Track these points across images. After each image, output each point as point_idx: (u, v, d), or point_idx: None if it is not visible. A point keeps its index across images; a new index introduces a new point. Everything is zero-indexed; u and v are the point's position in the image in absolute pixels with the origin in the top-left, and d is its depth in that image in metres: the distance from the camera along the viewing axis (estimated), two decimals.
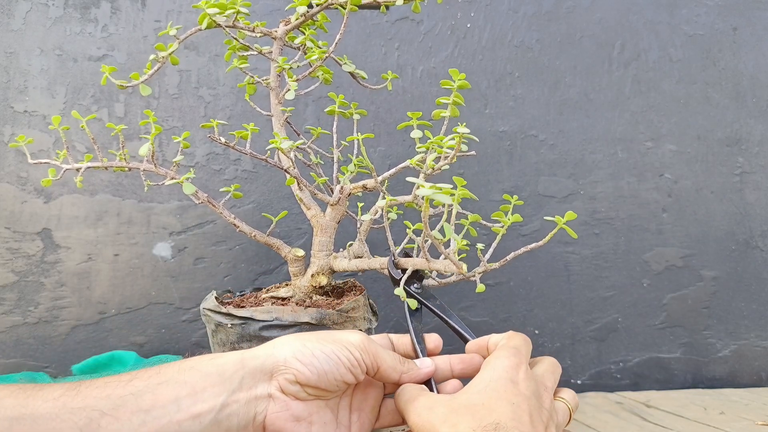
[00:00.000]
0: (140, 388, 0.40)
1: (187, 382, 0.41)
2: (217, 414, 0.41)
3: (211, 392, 0.41)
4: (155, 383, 0.40)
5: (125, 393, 0.39)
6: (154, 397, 0.39)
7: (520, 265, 1.15)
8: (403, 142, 1.15)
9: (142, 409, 0.39)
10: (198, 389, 0.41)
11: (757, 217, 1.24)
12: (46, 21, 1.07)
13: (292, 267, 0.74)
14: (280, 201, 1.10)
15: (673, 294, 1.19)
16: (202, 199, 0.69)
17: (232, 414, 0.42)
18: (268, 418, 0.44)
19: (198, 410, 0.40)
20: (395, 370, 0.49)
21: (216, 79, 1.11)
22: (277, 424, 0.44)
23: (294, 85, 0.66)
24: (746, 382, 1.19)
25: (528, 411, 0.42)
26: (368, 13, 1.16)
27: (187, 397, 0.40)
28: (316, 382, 0.44)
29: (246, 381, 0.43)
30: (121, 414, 0.38)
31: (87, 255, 1.05)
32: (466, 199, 0.50)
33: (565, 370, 1.15)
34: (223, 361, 0.43)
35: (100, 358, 0.99)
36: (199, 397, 0.40)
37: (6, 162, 1.04)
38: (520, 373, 0.45)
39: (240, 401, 0.42)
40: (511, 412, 0.41)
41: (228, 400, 0.41)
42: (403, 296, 0.57)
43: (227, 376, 0.42)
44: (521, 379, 0.44)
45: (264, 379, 0.43)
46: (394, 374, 0.49)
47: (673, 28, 1.25)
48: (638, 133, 1.22)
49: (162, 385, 0.40)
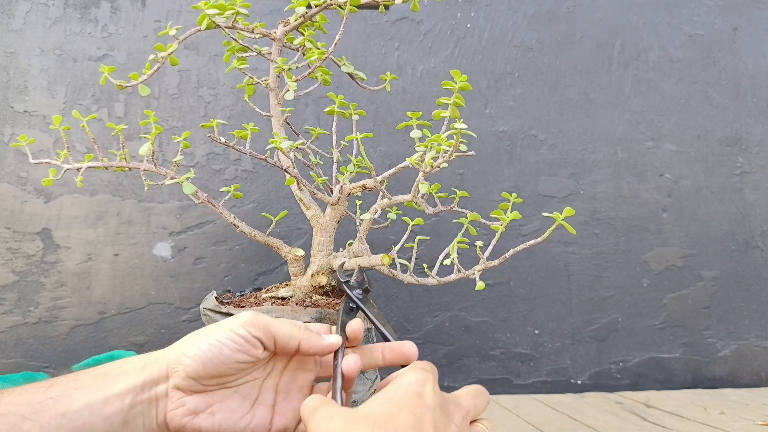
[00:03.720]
0: (59, 393, 0.44)
1: (99, 388, 0.44)
2: (125, 415, 0.44)
3: (119, 397, 0.44)
4: (72, 388, 0.44)
5: (45, 398, 0.43)
6: (69, 401, 0.43)
7: (520, 265, 1.15)
8: (404, 142, 1.15)
9: (59, 413, 0.42)
10: (108, 394, 0.44)
11: (757, 217, 1.23)
12: (46, 21, 1.07)
13: (291, 267, 0.74)
14: (280, 201, 1.10)
15: (673, 294, 1.19)
16: (202, 199, 0.69)
17: (137, 414, 0.45)
18: (167, 416, 0.46)
19: (108, 412, 0.44)
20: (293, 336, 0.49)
21: (216, 79, 1.11)
22: (175, 421, 0.46)
23: (293, 86, 0.67)
24: (746, 382, 1.19)
25: (432, 423, 0.41)
26: (368, 14, 1.16)
27: (97, 402, 0.44)
28: (204, 371, 0.46)
29: (147, 383, 0.45)
30: (41, 418, 0.42)
31: (87, 255, 1.05)
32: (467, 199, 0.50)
33: (565, 370, 1.15)
34: (130, 366, 0.47)
35: (100, 358, 0.99)
36: (108, 401, 0.44)
37: (6, 162, 1.04)
38: (427, 387, 0.45)
39: (144, 402, 0.45)
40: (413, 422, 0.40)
41: (133, 401, 0.45)
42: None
43: (132, 381, 0.45)
44: (427, 393, 0.44)
45: (162, 380, 0.46)
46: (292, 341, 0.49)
47: (673, 28, 1.25)
48: (638, 133, 1.22)
49: (78, 390, 0.44)
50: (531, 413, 0.96)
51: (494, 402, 1.03)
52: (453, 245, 0.62)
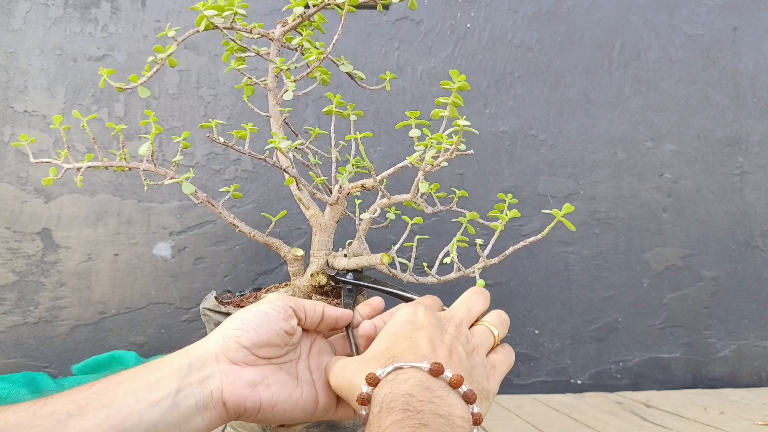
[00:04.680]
0: (101, 389, 0.44)
1: (142, 377, 0.45)
2: (174, 398, 0.45)
3: (164, 382, 0.45)
4: (114, 383, 0.45)
5: (88, 394, 0.43)
6: (113, 394, 0.44)
7: (520, 264, 1.15)
8: (403, 142, 1.15)
9: (104, 405, 0.43)
10: (152, 381, 0.45)
11: (757, 217, 1.23)
12: (46, 21, 1.07)
13: (291, 267, 0.74)
14: (280, 201, 1.11)
15: (673, 294, 1.19)
16: (201, 199, 0.69)
17: (189, 395, 0.45)
18: (225, 391, 0.47)
19: (155, 398, 0.44)
20: (316, 306, 0.53)
21: (216, 79, 1.11)
22: (235, 394, 0.47)
23: (292, 86, 0.66)
24: (746, 382, 1.19)
25: (427, 338, 0.46)
26: (368, 14, 1.16)
27: (143, 389, 0.44)
28: (257, 338, 0.48)
29: (194, 365, 0.47)
30: (87, 412, 0.42)
31: (87, 255, 1.05)
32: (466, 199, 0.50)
33: (565, 370, 1.15)
34: (171, 357, 0.48)
35: (100, 358, 0.99)
36: (154, 388, 0.44)
37: (6, 162, 1.04)
38: (419, 313, 0.49)
39: (193, 383, 0.46)
40: (408, 345, 0.45)
41: (181, 384, 0.45)
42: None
43: (176, 367, 0.46)
44: (419, 318, 0.49)
45: (210, 360, 0.47)
46: (317, 308, 0.53)
47: (673, 28, 1.25)
48: (638, 133, 1.22)
49: (121, 383, 0.45)
50: (531, 413, 0.96)
51: (494, 402, 1.03)
52: (453, 244, 0.62)
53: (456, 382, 0.42)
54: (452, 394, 0.42)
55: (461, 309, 0.52)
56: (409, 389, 0.41)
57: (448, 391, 0.42)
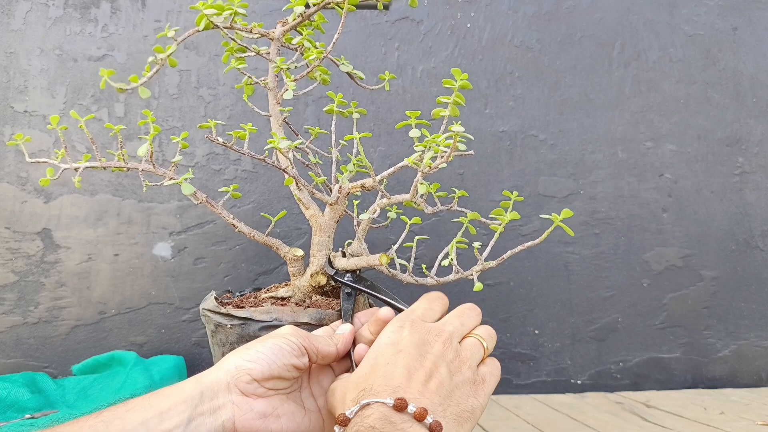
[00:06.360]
0: (109, 416, 0.43)
1: (152, 405, 0.44)
2: (185, 428, 0.44)
3: (176, 410, 0.44)
4: (123, 411, 0.44)
5: (96, 422, 0.42)
6: (123, 422, 0.42)
7: (520, 265, 1.15)
8: (404, 142, 1.15)
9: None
10: (163, 410, 0.44)
11: (757, 217, 1.23)
12: (46, 21, 1.07)
13: (291, 267, 0.74)
14: (280, 201, 1.11)
15: (673, 294, 1.19)
16: (201, 199, 0.69)
17: (200, 425, 0.45)
18: (237, 423, 0.47)
19: (165, 427, 0.43)
20: (329, 344, 0.54)
21: (216, 79, 1.11)
22: (246, 426, 0.47)
23: (292, 86, 0.66)
24: (746, 382, 1.19)
25: (404, 364, 0.45)
26: (368, 13, 1.16)
27: (153, 418, 0.43)
28: (269, 372, 0.48)
29: (206, 395, 0.46)
30: None
31: (87, 255, 1.05)
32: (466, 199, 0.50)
33: (565, 370, 1.15)
34: (182, 384, 0.47)
35: (100, 358, 0.99)
36: (165, 416, 0.44)
37: (6, 162, 1.04)
38: (404, 331, 0.49)
39: (205, 413, 0.45)
40: (383, 374, 0.45)
41: (193, 414, 0.45)
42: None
43: (188, 395, 0.45)
44: (403, 337, 0.48)
45: (222, 389, 0.47)
46: (331, 348, 0.54)
47: (673, 28, 1.25)
48: (638, 133, 1.22)
49: (129, 411, 0.44)
50: (531, 413, 0.96)
51: (494, 402, 1.03)
52: (452, 245, 0.62)
53: (419, 416, 0.42)
54: (416, 426, 0.42)
55: (453, 323, 0.52)
56: (373, 422, 0.42)
57: (412, 423, 0.42)
